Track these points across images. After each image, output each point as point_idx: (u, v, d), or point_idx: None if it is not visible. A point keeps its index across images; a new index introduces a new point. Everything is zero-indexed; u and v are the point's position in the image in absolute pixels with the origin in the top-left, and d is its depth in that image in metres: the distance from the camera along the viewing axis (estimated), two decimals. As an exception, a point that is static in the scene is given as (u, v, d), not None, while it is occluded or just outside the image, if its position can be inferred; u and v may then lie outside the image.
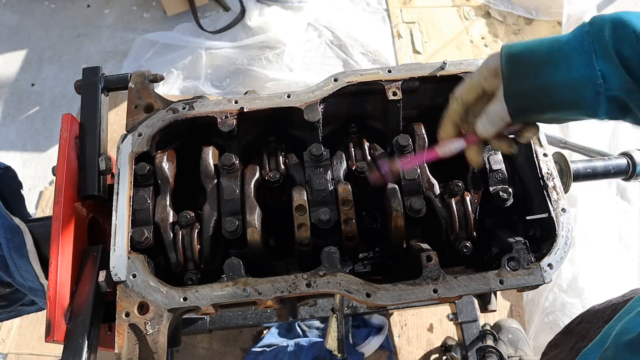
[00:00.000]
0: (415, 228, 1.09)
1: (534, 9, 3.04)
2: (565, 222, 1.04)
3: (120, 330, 0.95)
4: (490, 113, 0.94)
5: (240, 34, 2.92)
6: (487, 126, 0.96)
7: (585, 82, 0.82)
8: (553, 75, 0.84)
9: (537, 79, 0.85)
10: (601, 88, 0.81)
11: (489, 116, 0.95)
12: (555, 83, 0.84)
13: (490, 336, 1.86)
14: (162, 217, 1.07)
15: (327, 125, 1.21)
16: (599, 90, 0.81)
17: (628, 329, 0.79)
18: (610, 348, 0.80)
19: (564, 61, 0.83)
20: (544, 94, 0.86)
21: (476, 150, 1.02)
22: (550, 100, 0.86)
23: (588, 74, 0.81)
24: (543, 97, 0.86)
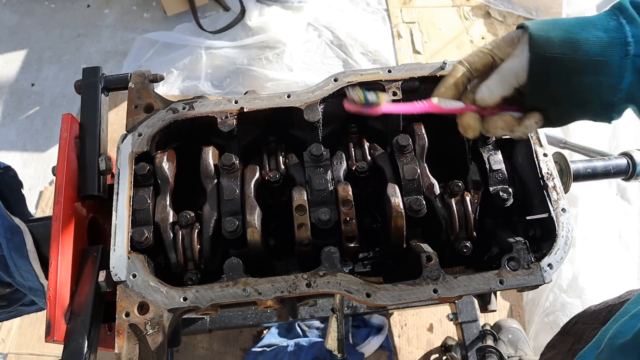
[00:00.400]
0: (415, 228, 1.09)
1: (534, 9, 3.04)
2: (565, 222, 1.04)
3: (120, 330, 0.95)
4: (504, 69, 0.87)
5: (240, 34, 2.92)
6: (495, 86, 0.89)
7: (614, 41, 0.80)
8: (582, 33, 0.81)
9: (566, 33, 0.82)
10: (630, 49, 0.79)
11: (502, 73, 0.88)
12: (584, 39, 0.81)
13: (490, 336, 1.86)
14: (162, 217, 1.07)
15: (327, 125, 1.21)
16: (628, 51, 0.80)
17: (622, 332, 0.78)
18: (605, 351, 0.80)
19: (591, 25, 0.81)
20: (571, 47, 0.82)
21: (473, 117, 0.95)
22: (576, 57, 0.81)
23: (617, 35, 0.80)
24: (570, 50, 0.82)
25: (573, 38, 0.82)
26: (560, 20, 0.85)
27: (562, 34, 0.82)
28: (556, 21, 0.85)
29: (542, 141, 1.12)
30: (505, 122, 0.91)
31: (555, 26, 0.83)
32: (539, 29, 0.84)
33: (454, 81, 0.94)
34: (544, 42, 0.83)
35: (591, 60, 0.81)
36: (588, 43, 0.81)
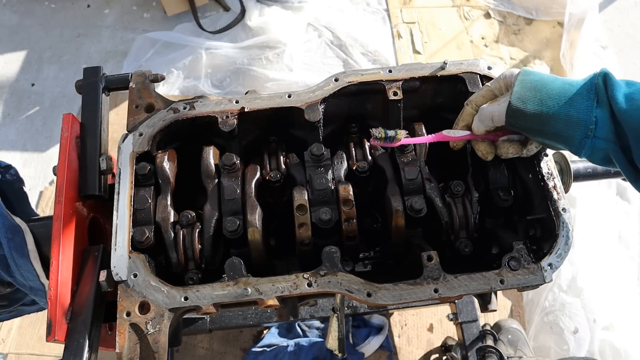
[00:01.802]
0: (415, 228, 1.10)
1: (534, 9, 3.04)
2: (565, 222, 1.04)
3: (121, 329, 0.95)
4: (483, 111, 1.02)
5: (240, 34, 2.92)
6: (477, 123, 1.04)
7: (580, 123, 0.90)
8: (554, 109, 0.92)
9: (541, 106, 0.93)
10: (590, 133, 0.89)
11: (481, 114, 1.03)
12: (554, 115, 0.92)
13: (490, 336, 1.86)
14: (163, 216, 1.07)
15: (327, 125, 1.21)
16: (588, 134, 0.89)
17: None
18: None
19: (569, 101, 0.91)
20: (541, 121, 0.93)
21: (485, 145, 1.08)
22: (544, 128, 0.94)
23: (584, 117, 0.89)
24: (540, 122, 0.94)
25: (545, 113, 0.93)
26: (544, 88, 0.94)
27: (536, 108, 0.93)
28: (539, 89, 0.94)
29: (543, 141, 1.13)
30: (513, 148, 1.05)
31: (535, 96, 0.94)
32: (519, 98, 0.95)
33: (465, 123, 1.09)
34: (518, 113, 0.95)
35: (555, 133, 0.93)
36: (556, 120, 0.92)
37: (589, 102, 0.89)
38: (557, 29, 3.00)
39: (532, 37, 3.00)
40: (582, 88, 0.92)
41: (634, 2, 3.20)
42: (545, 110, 0.92)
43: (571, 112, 0.90)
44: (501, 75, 1.04)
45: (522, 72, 0.99)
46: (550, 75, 0.97)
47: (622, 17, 3.14)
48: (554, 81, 0.95)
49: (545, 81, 0.95)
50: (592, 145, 0.90)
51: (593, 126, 0.89)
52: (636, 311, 2.12)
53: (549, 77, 0.96)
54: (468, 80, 1.18)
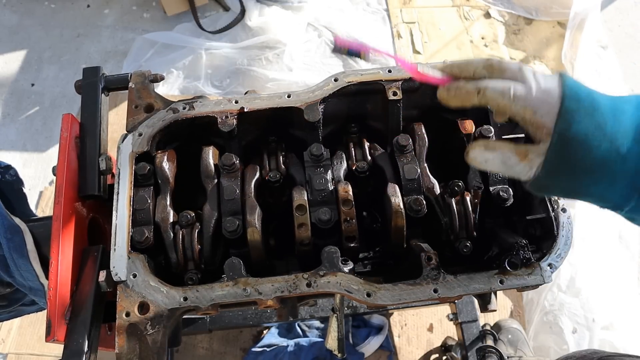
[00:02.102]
0: (415, 228, 1.09)
1: (534, 9, 3.04)
2: (565, 222, 1.04)
3: (120, 330, 0.95)
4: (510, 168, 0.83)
5: (240, 34, 2.92)
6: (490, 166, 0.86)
7: (613, 204, 0.79)
8: (592, 186, 0.78)
9: (575, 183, 0.79)
10: (621, 212, 0.80)
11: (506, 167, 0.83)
12: (589, 192, 0.80)
13: (490, 336, 1.86)
14: (163, 217, 1.07)
15: (327, 125, 1.21)
16: (618, 211, 0.80)
17: None
18: None
19: (609, 181, 0.76)
20: (571, 193, 0.82)
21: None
22: (572, 196, 0.83)
23: (619, 202, 0.78)
24: (569, 193, 0.83)
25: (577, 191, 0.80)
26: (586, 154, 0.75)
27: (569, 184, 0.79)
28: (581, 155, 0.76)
29: (542, 141, 1.12)
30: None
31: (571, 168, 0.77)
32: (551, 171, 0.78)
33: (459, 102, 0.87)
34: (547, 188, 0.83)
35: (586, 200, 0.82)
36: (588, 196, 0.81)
37: (631, 190, 0.76)
38: (557, 29, 3.00)
39: (532, 37, 2.99)
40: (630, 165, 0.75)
41: (634, 2, 3.20)
42: (579, 188, 0.79)
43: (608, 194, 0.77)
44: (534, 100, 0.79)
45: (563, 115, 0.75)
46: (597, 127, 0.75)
47: (622, 17, 3.14)
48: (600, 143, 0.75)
49: (590, 143, 0.75)
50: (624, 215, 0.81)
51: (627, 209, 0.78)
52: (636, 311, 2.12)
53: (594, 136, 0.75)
54: (468, 80, 1.17)
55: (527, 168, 0.81)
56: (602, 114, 0.75)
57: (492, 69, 0.84)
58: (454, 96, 0.86)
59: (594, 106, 0.76)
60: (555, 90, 0.78)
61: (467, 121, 1.16)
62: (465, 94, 0.84)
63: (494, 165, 0.84)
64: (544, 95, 0.79)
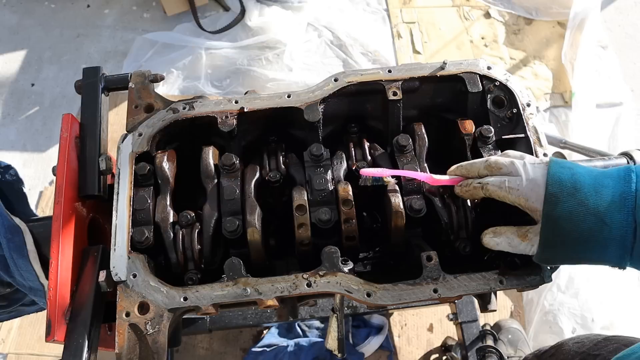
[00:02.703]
0: (415, 228, 1.09)
1: (534, 9, 3.04)
2: (565, 222, 1.03)
3: (120, 330, 0.95)
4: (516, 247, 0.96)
5: (240, 34, 2.92)
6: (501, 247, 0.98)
7: (612, 265, 0.90)
8: (586, 253, 0.89)
9: (571, 253, 0.90)
10: (621, 267, 0.90)
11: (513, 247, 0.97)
12: (587, 258, 0.91)
13: (490, 336, 1.86)
14: (163, 217, 1.07)
15: (327, 125, 1.21)
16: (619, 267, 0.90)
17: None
18: None
19: (602, 247, 0.87)
20: (572, 261, 0.93)
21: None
22: (575, 263, 0.94)
23: (616, 262, 0.88)
24: (571, 261, 0.94)
25: (576, 258, 0.91)
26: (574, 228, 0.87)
27: (567, 254, 0.90)
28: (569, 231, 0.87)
29: (542, 141, 1.13)
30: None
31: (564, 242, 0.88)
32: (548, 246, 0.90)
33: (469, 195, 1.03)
34: (549, 260, 0.94)
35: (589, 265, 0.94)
36: (587, 261, 0.91)
37: (623, 251, 0.86)
38: (557, 29, 3.00)
39: (532, 37, 2.99)
40: (616, 231, 0.85)
41: (634, 2, 3.20)
42: (576, 255, 0.90)
43: (604, 257, 0.88)
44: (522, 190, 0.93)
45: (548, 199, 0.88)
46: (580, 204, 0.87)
47: (622, 17, 3.14)
48: (585, 219, 0.86)
49: (576, 219, 0.86)
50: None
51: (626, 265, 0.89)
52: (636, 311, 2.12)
53: (578, 211, 0.86)
54: (467, 80, 1.18)
55: (529, 246, 0.94)
56: (583, 193, 0.87)
57: (490, 167, 0.99)
58: (466, 192, 1.02)
59: (576, 187, 0.88)
60: (541, 179, 0.92)
61: (467, 121, 1.16)
62: (474, 190, 1.00)
63: (503, 246, 0.98)
64: (532, 184, 0.92)
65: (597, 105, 2.61)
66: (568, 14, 2.86)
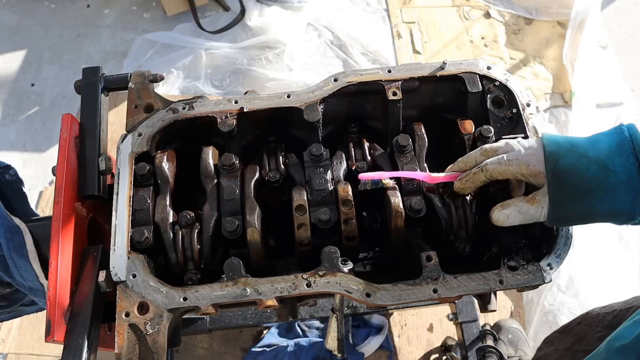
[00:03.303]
0: (415, 228, 1.09)
1: (534, 9, 3.04)
2: (565, 222, 1.03)
3: (120, 330, 0.95)
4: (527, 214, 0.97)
5: (240, 34, 2.92)
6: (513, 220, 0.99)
7: (625, 212, 0.89)
8: (597, 204, 0.90)
9: (582, 205, 0.90)
10: (638, 218, 0.89)
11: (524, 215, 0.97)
12: (598, 210, 0.91)
13: (490, 336, 1.86)
14: (162, 217, 1.07)
15: (327, 125, 1.21)
16: (635, 218, 0.89)
17: (622, 336, 0.85)
18: (603, 352, 0.83)
19: (611, 194, 0.88)
20: (585, 217, 0.94)
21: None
22: (589, 220, 0.95)
23: (630, 208, 0.88)
24: (584, 219, 0.95)
25: (588, 211, 0.91)
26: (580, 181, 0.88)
27: (579, 209, 0.91)
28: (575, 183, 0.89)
29: (542, 141, 1.12)
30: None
31: (573, 194, 0.90)
32: (557, 203, 0.91)
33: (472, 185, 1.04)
34: (562, 218, 0.94)
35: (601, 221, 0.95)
36: (601, 215, 0.92)
37: (633, 193, 0.86)
38: (557, 29, 3.00)
39: (532, 37, 2.99)
40: (622, 174, 0.87)
41: (634, 2, 3.20)
42: (587, 208, 0.90)
43: (616, 205, 0.88)
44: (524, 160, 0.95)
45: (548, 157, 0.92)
46: (580, 153, 0.90)
47: (622, 17, 3.14)
48: (588, 167, 0.88)
49: (579, 169, 0.89)
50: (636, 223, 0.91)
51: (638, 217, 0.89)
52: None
53: (581, 162, 0.89)
54: (467, 80, 1.18)
55: (539, 209, 0.95)
56: (581, 147, 0.91)
57: (487, 152, 1.02)
58: (466, 182, 1.04)
59: (572, 144, 0.92)
60: (538, 144, 0.96)
61: (467, 121, 1.16)
62: (474, 176, 1.02)
63: (514, 218, 0.98)
64: (531, 150, 0.96)
65: (597, 105, 2.61)
66: (568, 14, 2.86)
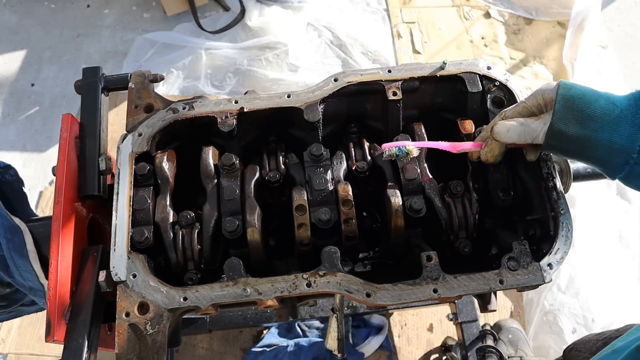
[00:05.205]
0: (415, 228, 1.09)
1: (534, 9, 3.04)
2: (565, 222, 1.03)
3: (120, 330, 0.95)
4: (528, 127, 0.97)
5: (240, 34, 2.92)
6: (512, 133, 0.98)
7: (623, 150, 0.89)
8: (598, 132, 0.90)
9: (583, 129, 0.91)
10: (632, 160, 0.89)
11: (525, 127, 0.98)
12: (597, 140, 0.90)
13: (490, 336, 1.86)
14: (162, 217, 1.07)
15: (327, 125, 1.21)
16: (629, 161, 0.89)
17: None
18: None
19: (612, 124, 0.89)
20: (583, 145, 0.92)
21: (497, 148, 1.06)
22: (585, 151, 0.94)
23: (628, 144, 0.88)
24: (581, 146, 0.93)
25: (587, 137, 0.91)
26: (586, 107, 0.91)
27: (579, 131, 0.91)
28: (581, 108, 0.91)
29: (542, 141, 1.12)
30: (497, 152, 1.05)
31: (577, 117, 0.91)
32: (561, 119, 0.92)
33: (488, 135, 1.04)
34: (560, 135, 0.93)
35: (594, 157, 0.93)
36: (598, 146, 0.91)
37: (634, 128, 0.87)
38: (557, 29, 3.00)
39: (532, 37, 2.99)
40: (627, 110, 0.89)
41: (634, 2, 3.20)
42: (588, 134, 0.90)
43: (614, 138, 0.89)
44: (539, 90, 0.99)
45: (562, 86, 0.94)
46: (591, 91, 0.93)
47: (622, 17, 3.14)
48: (597, 99, 0.91)
49: (588, 99, 0.91)
50: (630, 171, 0.90)
51: (636, 154, 0.88)
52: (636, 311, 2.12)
53: (591, 94, 0.92)
54: (467, 80, 1.18)
55: (542, 124, 0.95)
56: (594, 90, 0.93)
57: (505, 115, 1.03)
58: (489, 149, 1.03)
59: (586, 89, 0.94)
60: (553, 83, 0.97)
61: (467, 121, 1.16)
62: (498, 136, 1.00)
63: (515, 129, 0.98)
64: (546, 85, 0.98)
65: (597, 105, 2.61)
66: (568, 14, 2.86)
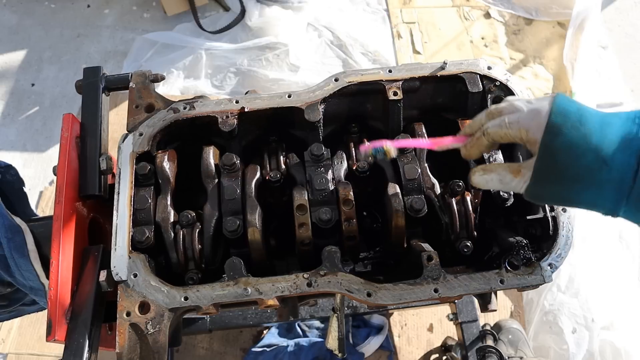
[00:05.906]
0: (415, 228, 1.10)
1: (534, 9, 3.04)
2: (565, 222, 1.04)
3: (121, 329, 0.96)
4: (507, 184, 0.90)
5: (240, 34, 2.92)
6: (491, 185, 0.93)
7: (607, 210, 0.83)
8: (580, 194, 0.83)
9: (564, 192, 0.84)
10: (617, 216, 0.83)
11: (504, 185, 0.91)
12: (579, 200, 0.84)
13: (490, 336, 1.86)
14: (163, 216, 1.07)
15: (327, 125, 1.21)
16: (615, 216, 0.83)
17: None
18: None
19: (597, 188, 0.81)
20: (563, 201, 0.88)
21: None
22: (566, 204, 0.92)
23: (611, 207, 0.81)
24: (562, 201, 0.90)
25: (569, 198, 0.84)
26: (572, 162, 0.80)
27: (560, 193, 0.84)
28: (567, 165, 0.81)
29: (543, 141, 1.12)
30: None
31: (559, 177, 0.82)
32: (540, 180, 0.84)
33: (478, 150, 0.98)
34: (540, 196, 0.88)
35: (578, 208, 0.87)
36: (580, 204, 0.85)
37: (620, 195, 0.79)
38: (557, 29, 3.00)
39: (532, 37, 3.00)
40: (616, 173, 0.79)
41: (634, 2, 3.20)
42: (569, 195, 0.83)
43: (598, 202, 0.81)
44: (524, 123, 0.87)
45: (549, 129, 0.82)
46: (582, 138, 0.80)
47: (622, 17, 3.14)
48: (585, 154, 0.80)
49: (574, 154, 0.80)
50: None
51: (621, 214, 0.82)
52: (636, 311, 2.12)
53: (579, 146, 0.80)
54: (468, 80, 1.18)
55: (522, 182, 0.88)
56: (588, 128, 0.81)
57: (492, 114, 0.95)
58: (471, 147, 0.98)
59: (582, 121, 0.82)
60: (545, 109, 0.85)
61: (467, 121, 1.16)
62: (477, 141, 0.96)
63: (494, 184, 0.93)
64: (534, 114, 0.86)
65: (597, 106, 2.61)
66: (568, 14, 2.87)
